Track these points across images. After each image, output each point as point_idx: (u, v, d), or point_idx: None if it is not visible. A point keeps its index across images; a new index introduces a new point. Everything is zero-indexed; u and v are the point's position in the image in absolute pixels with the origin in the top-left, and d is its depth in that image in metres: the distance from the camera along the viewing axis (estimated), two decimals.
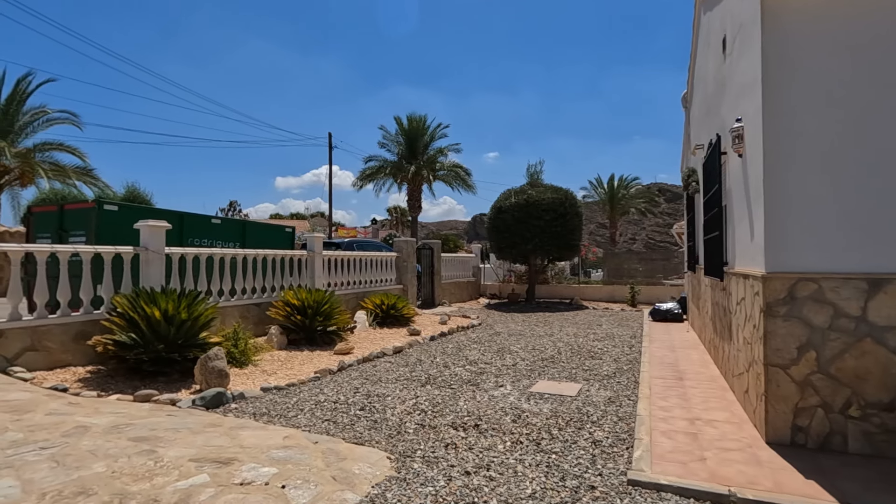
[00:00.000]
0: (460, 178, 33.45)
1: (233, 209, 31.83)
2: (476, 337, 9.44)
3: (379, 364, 6.91)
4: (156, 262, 6.66)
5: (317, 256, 9.92)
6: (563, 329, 10.40)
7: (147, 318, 5.62)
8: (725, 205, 5.32)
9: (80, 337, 5.84)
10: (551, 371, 6.42)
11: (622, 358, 7.22)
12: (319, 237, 10.11)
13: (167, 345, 5.60)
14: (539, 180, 15.78)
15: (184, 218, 8.21)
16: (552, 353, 7.60)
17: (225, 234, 9.02)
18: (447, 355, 7.57)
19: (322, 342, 8.09)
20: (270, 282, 8.87)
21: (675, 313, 10.43)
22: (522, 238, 14.27)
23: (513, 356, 7.45)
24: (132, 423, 3.67)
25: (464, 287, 16.93)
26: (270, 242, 9.91)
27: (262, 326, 8.44)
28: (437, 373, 6.35)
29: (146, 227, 6.61)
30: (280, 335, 7.84)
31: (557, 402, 4.99)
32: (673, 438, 3.72)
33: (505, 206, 14.71)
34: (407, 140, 33.14)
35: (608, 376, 6.09)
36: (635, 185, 46.16)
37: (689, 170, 8.54)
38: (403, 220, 64.28)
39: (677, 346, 7.64)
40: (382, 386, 5.68)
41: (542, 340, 8.93)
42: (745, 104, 4.22)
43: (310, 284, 9.73)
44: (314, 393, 5.33)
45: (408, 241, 13.32)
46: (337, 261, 10.79)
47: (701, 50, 7.55)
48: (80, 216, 7.37)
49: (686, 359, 6.72)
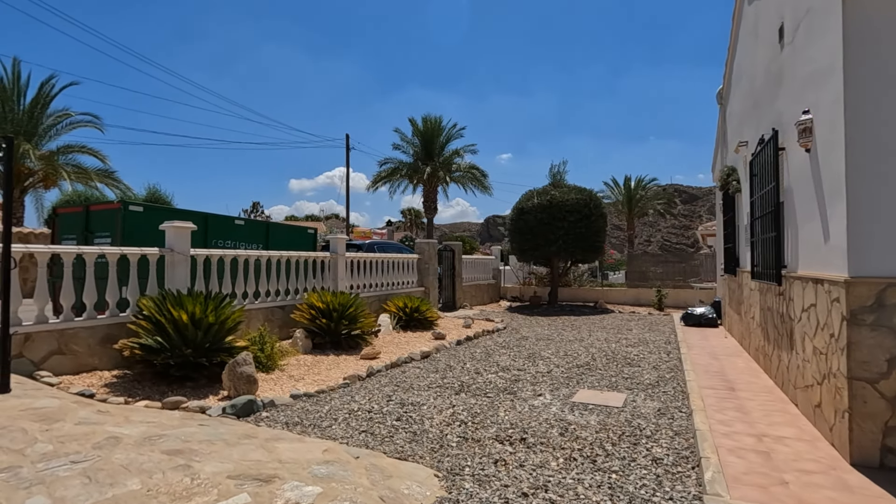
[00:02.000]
0: (476, 180, 33.17)
1: (255, 210, 31.80)
2: (503, 342, 9.16)
3: (408, 370, 6.68)
4: (181, 263, 6.51)
5: (340, 258, 9.74)
6: (593, 334, 10.07)
7: (174, 321, 5.46)
8: (783, 203, 4.98)
9: (107, 340, 5.71)
10: (589, 379, 6.12)
11: (661, 365, 6.89)
12: (342, 239, 9.93)
13: (195, 349, 5.43)
14: (562, 181, 15.45)
15: (208, 219, 8.08)
16: (587, 360, 7.30)
17: (248, 235, 8.88)
18: (477, 361, 7.31)
19: (347, 346, 7.89)
20: (294, 284, 8.70)
21: (709, 318, 10.04)
22: (546, 240, 13.95)
23: (546, 362, 7.16)
24: (164, 433, 3.47)
25: (484, 290, 16.66)
26: (293, 244, 9.77)
27: (286, 329, 8.27)
28: (469, 380, 6.10)
29: (172, 228, 6.47)
30: (305, 339, 7.66)
31: (604, 413, 4.70)
32: (743, 458, 3.42)
33: (527, 208, 14.40)
34: (422, 141, 32.99)
35: (651, 385, 5.78)
36: (653, 187, 45.44)
37: (728, 168, 8.18)
38: (417, 221, 64.13)
39: (719, 354, 7.28)
40: (415, 394, 5.44)
41: (573, 346, 8.62)
42: (817, 94, 3.90)
43: (333, 287, 9.55)
44: (346, 401, 5.11)
45: (429, 242, 13.09)
46: (360, 263, 10.60)
47: (743, 42, 7.20)
48: (106, 217, 7.28)
49: (732, 367, 6.37)
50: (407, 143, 33.04)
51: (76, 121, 18.74)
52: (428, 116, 32.69)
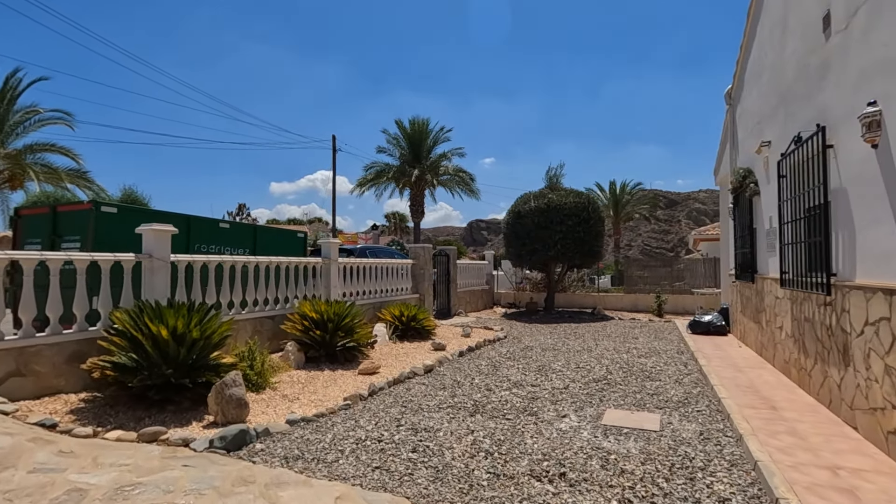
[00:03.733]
0: (464, 183, 32.77)
1: (241, 213, 30.27)
2: (507, 352, 8.65)
3: (413, 387, 6.11)
4: (161, 271, 5.85)
5: (333, 264, 9.13)
6: (599, 343, 9.63)
7: (153, 337, 4.81)
8: (830, 203, 4.58)
9: (74, 359, 5.02)
10: (612, 396, 5.64)
11: (683, 379, 6.46)
12: (335, 243, 9.32)
13: (176, 368, 4.79)
14: (559, 184, 15.06)
15: (190, 222, 7.41)
16: (602, 373, 6.83)
17: (234, 239, 8.22)
18: (485, 375, 6.78)
19: (343, 359, 7.28)
20: (284, 292, 8.06)
21: (717, 326, 9.69)
22: (544, 244, 13.51)
23: (559, 376, 6.66)
24: (141, 480, 2.86)
25: (478, 295, 16.15)
26: (282, 249, 9.13)
27: (276, 341, 7.63)
28: (482, 398, 5.56)
29: (150, 231, 5.80)
30: (297, 352, 7.03)
31: (642, 438, 4.21)
32: (827, 499, 2.95)
33: (524, 211, 13.95)
34: (409, 144, 32.48)
35: (682, 402, 5.33)
36: (638, 191, 45.65)
37: (742, 171, 7.84)
38: (402, 225, 63.39)
39: (741, 365, 6.88)
40: (426, 416, 4.88)
41: (582, 357, 8.15)
42: (887, 83, 3.50)
43: (325, 295, 8.94)
44: (350, 427, 4.52)
45: (424, 247, 12.54)
46: (353, 269, 10.00)
47: (765, 37, 6.86)
48: (75, 219, 6.56)
49: (761, 381, 5.96)
50: (393, 146, 32.48)
51: (46, 118, 17.69)
52: (415, 119, 32.17)
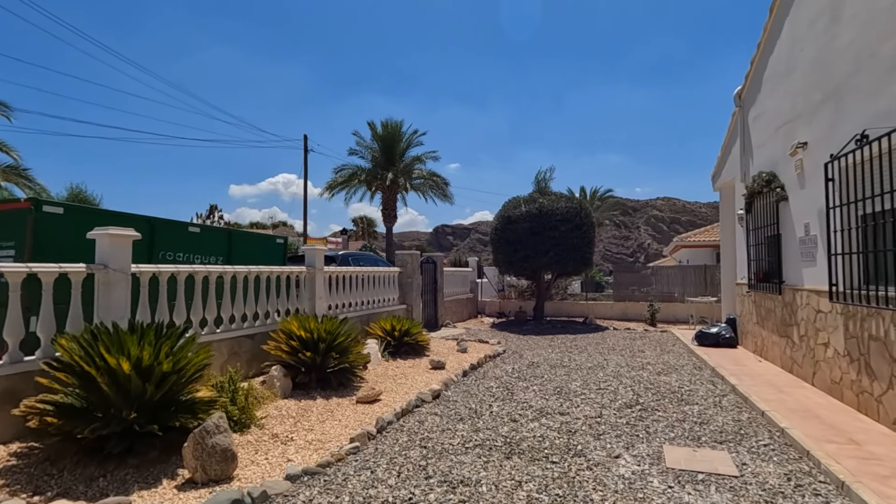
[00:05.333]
0: (438, 188, 32.08)
1: (213, 215, 27.63)
2: (513, 370, 7.89)
3: (425, 419, 5.25)
4: (119, 284, 4.78)
5: (318, 274, 8.15)
6: (606, 357, 9.01)
7: (110, 371, 3.78)
8: None
9: (4, 399, 3.92)
10: (657, 427, 4.96)
11: (721, 402, 5.87)
12: (321, 250, 8.35)
13: (142, 411, 3.78)
14: (548, 188, 14.49)
15: (155, 226, 6.31)
16: (630, 396, 6.16)
17: (206, 245, 7.13)
18: (501, 401, 5.99)
19: (336, 384, 6.34)
20: (265, 306, 7.04)
21: (726, 338, 9.26)
22: (536, 251, 12.88)
23: (586, 401, 5.95)
24: None
25: (464, 304, 15.36)
26: (261, 256, 8.08)
27: (257, 364, 6.61)
28: (511, 433, 4.77)
29: (107, 236, 4.73)
30: (284, 377, 6.05)
31: (726, 488, 3.52)
32: None
33: (515, 216, 13.29)
34: (382, 147, 31.61)
35: (739, 434, 4.69)
36: (608, 198, 46.16)
37: (767, 174, 7.40)
38: (370, 230, 62.02)
39: (778, 384, 6.35)
40: (455, 461, 4.04)
41: (597, 375, 7.48)
42: None
43: (310, 308, 7.95)
44: (367, 481, 3.64)
45: (412, 254, 11.66)
46: (340, 278, 9.03)
47: (802, 32, 6.42)
48: (9, 221, 5.36)
49: (812, 404, 5.42)
50: (365, 148, 31.51)
51: None
52: (388, 121, 31.30)
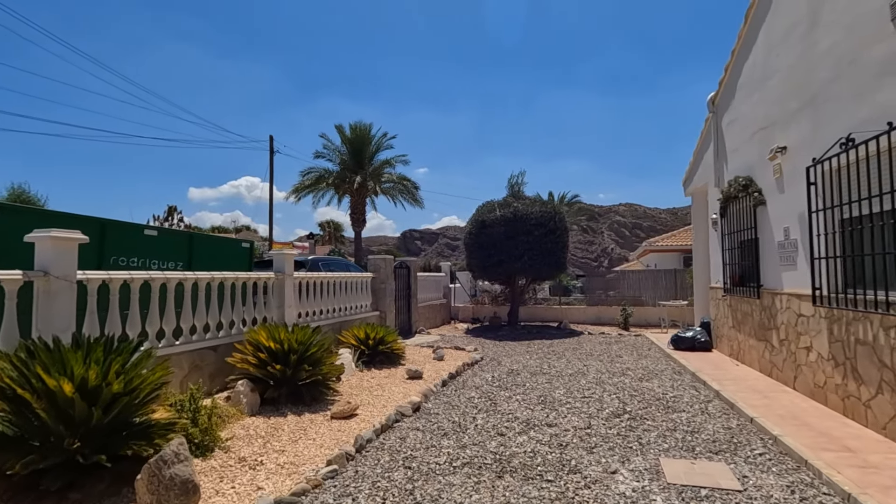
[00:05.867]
0: (408, 192, 31.76)
1: (171, 217, 25.82)
2: (494, 379, 7.64)
3: (407, 434, 4.92)
4: (63, 294, 4.25)
5: (288, 280, 7.68)
6: (585, 363, 8.88)
7: (49, 394, 3.29)
8: None
9: None
10: (648, 437, 4.79)
11: (708, 408, 5.77)
12: (290, 255, 7.88)
13: (87, 438, 3.30)
14: (521, 192, 14.39)
15: (105, 228, 5.74)
16: (616, 405, 5.99)
17: (165, 250, 6.57)
18: (485, 412, 5.72)
19: (309, 398, 5.92)
20: (230, 315, 6.54)
21: (702, 342, 9.31)
22: (510, 255, 12.72)
23: (572, 411, 5.74)
24: None
25: (437, 310, 15.05)
26: (225, 261, 7.53)
27: (220, 379, 6.10)
28: (499, 448, 4.49)
29: (48, 239, 4.20)
30: (251, 392, 5.58)
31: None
32: None
33: (490, 221, 13.10)
34: (351, 149, 31.12)
35: (732, 443, 4.56)
36: (576, 203, 46.93)
37: (744, 179, 7.44)
38: (337, 234, 60.89)
39: (761, 389, 6.32)
40: (443, 482, 3.73)
41: (579, 382, 7.31)
42: None
43: (279, 316, 7.48)
44: None
45: (385, 259, 11.28)
46: (310, 285, 8.57)
47: (778, 39, 6.47)
48: None
49: (798, 409, 5.38)
50: (332, 151, 30.94)
51: None
52: (357, 124, 30.85)
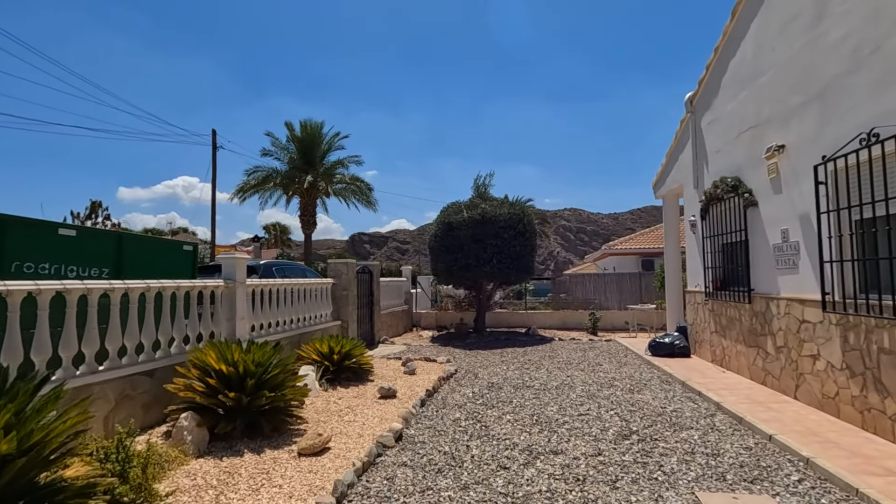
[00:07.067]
0: (361, 193, 30.69)
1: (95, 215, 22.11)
2: (476, 394, 6.95)
3: (394, 473, 4.12)
4: None
5: (240, 288, 6.65)
6: (567, 373, 8.38)
7: None
8: None
9: None
10: (668, 463, 4.25)
11: (715, 423, 5.35)
12: (243, 259, 6.86)
13: None
14: (488, 193, 13.86)
15: (5, 226, 4.55)
16: (619, 423, 5.46)
17: (86, 254, 5.40)
18: (477, 438, 5.01)
19: (269, 429, 4.98)
20: (169, 332, 5.48)
21: (681, 347, 9.07)
22: (479, 260, 12.11)
23: (572, 432, 5.15)
24: None
25: (399, 318, 14.19)
26: (163, 267, 6.39)
27: (158, 410, 5.05)
28: (508, 487, 3.80)
29: None
30: (197, 427, 4.59)
31: None
32: None
33: (457, 222, 12.44)
34: (301, 148, 29.68)
35: (765, 469, 4.10)
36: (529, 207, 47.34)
37: (732, 179, 7.20)
38: (283, 237, 58.36)
39: (760, 399, 6.01)
40: None
41: (568, 395, 6.76)
42: None
43: (228, 331, 6.45)
44: None
45: (347, 263, 10.34)
46: (265, 293, 7.54)
47: (773, 34, 6.23)
48: None
49: (814, 424, 5.02)
50: (281, 150, 29.41)
51: None
52: (307, 122, 29.49)
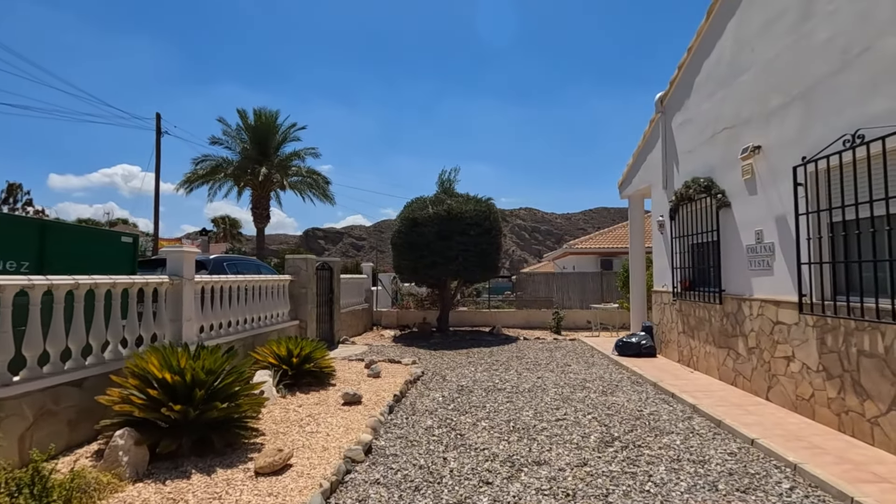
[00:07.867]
0: (318, 187, 29.71)
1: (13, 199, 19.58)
2: (445, 399, 6.60)
3: (367, 495, 3.69)
4: None
5: (187, 286, 5.99)
6: (538, 374, 8.17)
7: None
8: None
9: None
10: (656, 472, 4.05)
11: (693, 426, 5.25)
12: (191, 253, 6.18)
13: None
14: (453, 189, 13.52)
15: None
16: (598, 428, 5.25)
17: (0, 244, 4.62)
18: (454, 449, 4.66)
19: (221, 443, 4.42)
20: (102, 335, 4.79)
21: (647, 347, 9.08)
22: (444, 257, 11.75)
23: (552, 440, 4.89)
24: None
25: (359, 316, 13.63)
26: (97, 261, 5.64)
27: (87, 426, 4.39)
28: None
29: None
30: (136, 446, 3.98)
31: None
32: None
33: (422, 219, 12.02)
34: (254, 138, 28.37)
35: (754, 476, 3.98)
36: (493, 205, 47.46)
37: (705, 180, 7.19)
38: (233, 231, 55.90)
39: (735, 401, 5.98)
40: None
41: (542, 399, 6.53)
42: None
43: (173, 333, 5.78)
44: None
45: (307, 259, 9.72)
46: (215, 291, 6.87)
47: (754, 33, 6.21)
48: None
49: (794, 427, 4.96)
50: (233, 138, 28.02)
51: None
52: (261, 110, 28.22)
